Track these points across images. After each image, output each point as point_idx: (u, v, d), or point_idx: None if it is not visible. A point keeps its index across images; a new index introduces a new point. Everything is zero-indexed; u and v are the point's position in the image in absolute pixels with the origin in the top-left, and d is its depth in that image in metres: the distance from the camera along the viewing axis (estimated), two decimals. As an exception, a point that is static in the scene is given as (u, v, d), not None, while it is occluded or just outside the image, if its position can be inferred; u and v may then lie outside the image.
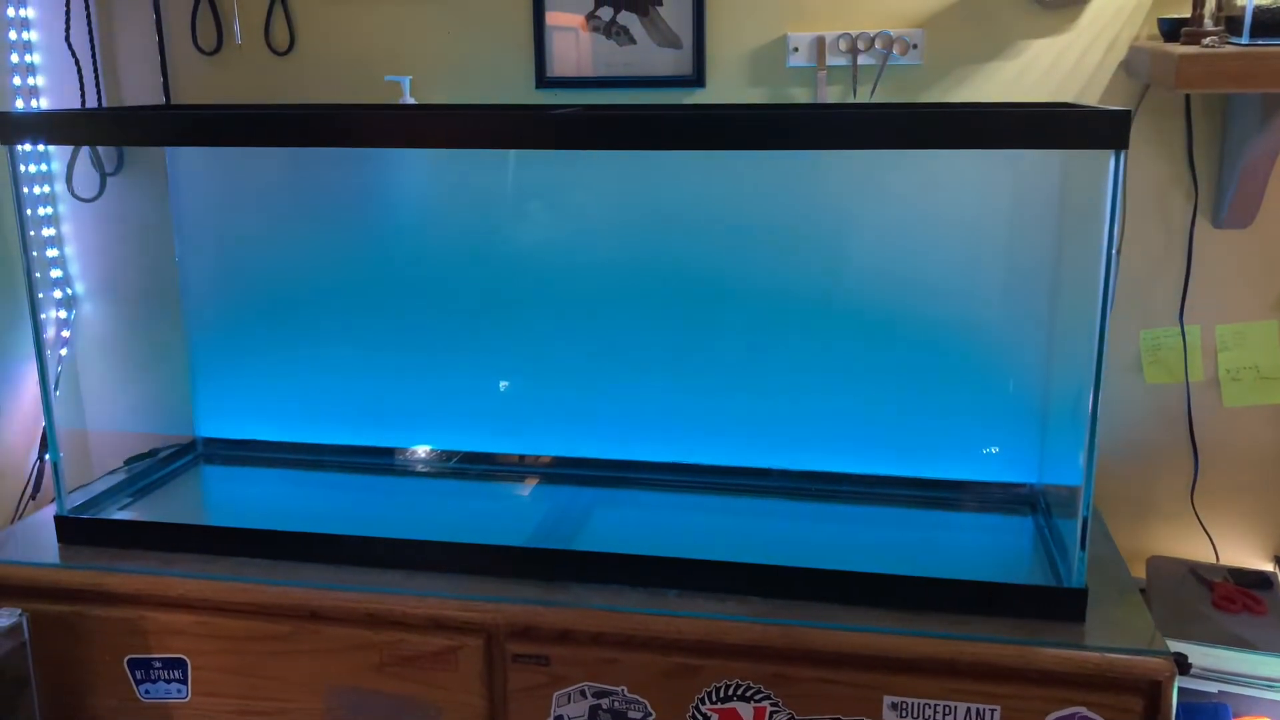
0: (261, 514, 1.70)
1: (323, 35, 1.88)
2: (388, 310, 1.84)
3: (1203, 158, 1.68)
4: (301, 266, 1.86)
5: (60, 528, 1.65)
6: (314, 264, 1.86)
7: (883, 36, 1.70)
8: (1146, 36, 1.65)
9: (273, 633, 1.51)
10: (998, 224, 1.64)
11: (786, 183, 1.70)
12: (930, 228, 1.66)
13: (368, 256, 1.84)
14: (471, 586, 1.50)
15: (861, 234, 1.69)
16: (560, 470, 1.84)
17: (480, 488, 1.84)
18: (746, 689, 1.39)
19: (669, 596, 1.47)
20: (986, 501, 1.73)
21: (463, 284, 1.81)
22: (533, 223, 1.79)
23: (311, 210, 1.85)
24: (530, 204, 1.78)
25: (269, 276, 1.88)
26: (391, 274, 1.83)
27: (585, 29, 1.78)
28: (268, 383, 1.91)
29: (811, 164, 1.68)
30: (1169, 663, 1.31)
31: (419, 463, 1.90)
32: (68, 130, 1.65)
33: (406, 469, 1.90)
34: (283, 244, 1.87)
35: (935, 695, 1.36)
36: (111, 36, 1.94)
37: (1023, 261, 1.64)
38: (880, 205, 1.68)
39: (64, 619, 1.55)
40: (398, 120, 1.53)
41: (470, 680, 1.46)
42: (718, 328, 1.74)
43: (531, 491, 1.80)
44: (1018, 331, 1.66)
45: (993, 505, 1.73)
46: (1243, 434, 1.75)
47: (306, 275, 1.86)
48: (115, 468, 1.89)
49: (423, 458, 1.90)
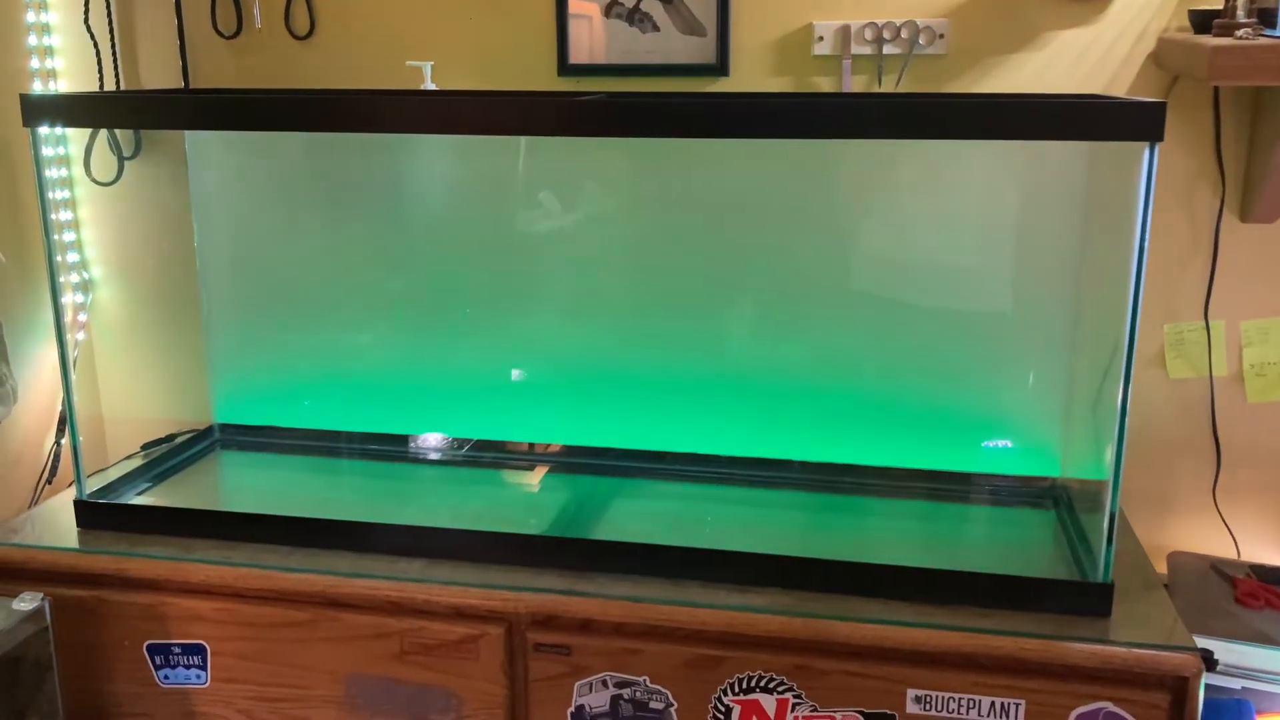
0: (281, 500, 1.70)
1: (343, 20, 1.87)
2: (408, 297, 1.83)
3: (1230, 151, 1.66)
4: (321, 252, 1.86)
5: (80, 512, 1.64)
6: (333, 250, 1.85)
7: (909, 26, 1.68)
8: (1176, 28, 1.63)
9: (293, 619, 1.51)
10: (1022, 215, 1.64)
11: (808, 172, 1.69)
12: (953, 219, 1.65)
13: (387, 243, 1.83)
14: (493, 575, 1.49)
15: (884, 225, 1.68)
16: (578, 460, 1.84)
17: (499, 476, 1.84)
18: (769, 680, 1.39)
19: (692, 587, 1.46)
20: (1007, 495, 1.72)
21: (484, 271, 1.80)
22: (553, 210, 1.78)
23: (331, 196, 1.84)
24: (550, 191, 1.77)
25: (287, 262, 1.88)
26: (412, 261, 1.83)
27: (608, 15, 1.77)
28: (286, 369, 1.91)
29: (832, 153, 1.67)
30: (1196, 659, 1.30)
31: (439, 450, 1.89)
32: (88, 113, 1.65)
33: (426, 457, 1.89)
34: (302, 230, 1.87)
35: (959, 689, 1.35)
36: (130, 19, 1.93)
37: (1046, 254, 1.63)
38: (902, 196, 1.67)
39: (83, 604, 1.55)
40: (421, 106, 1.52)
41: (491, 669, 1.46)
42: (741, 317, 1.74)
43: (551, 480, 1.80)
44: (1040, 325, 1.65)
45: (1014, 499, 1.72)
46: (1266, 430, 1.74)
47: (326, 261, 1.86)
48: (132, 453, 1.89)
49: (443, 445, 1.89)
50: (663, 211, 1.75)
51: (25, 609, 1.34)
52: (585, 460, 1.83)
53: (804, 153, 1.66)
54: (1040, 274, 1.64)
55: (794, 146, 1.65)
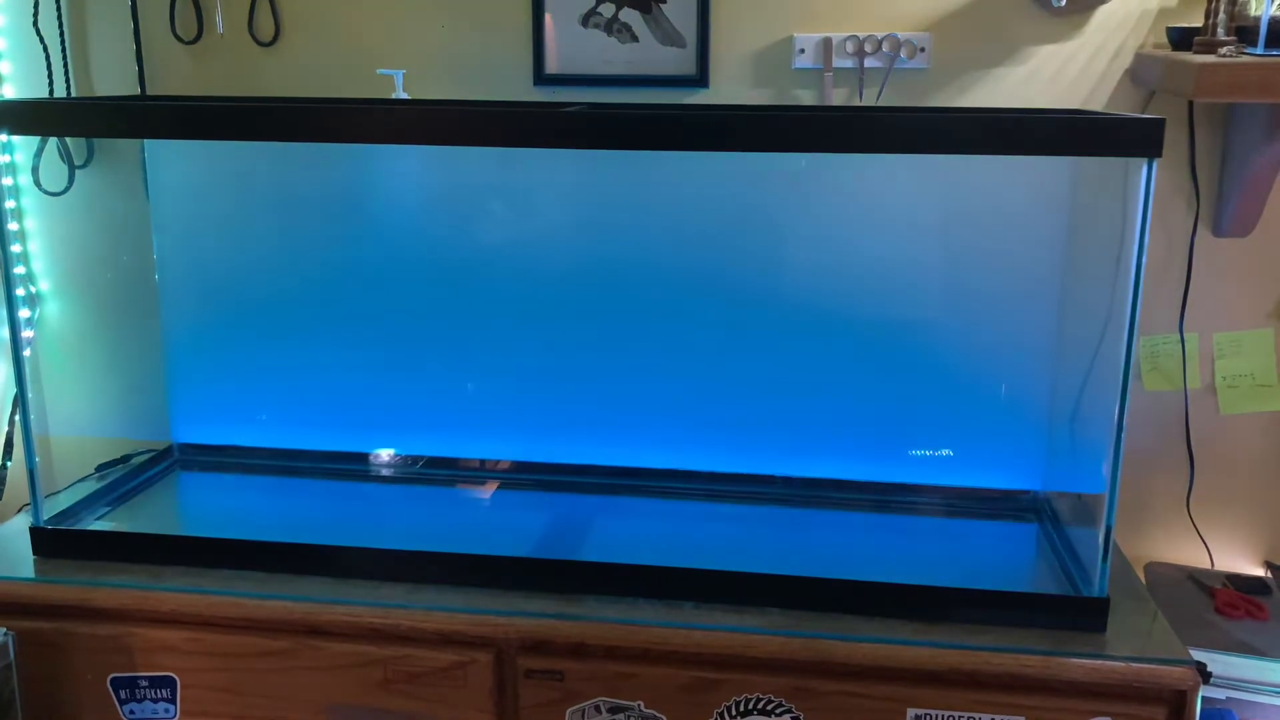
0: (249, 524, 1.63)
1: (310, 27, 1.81)
2: (377, 312, 1.77)
3: (1203, 167, 1.69)
4: (286, 266, 1.79)
5: (37, 540, 1.56)
6: (299, 264, 1.79)
7: (890, 39, 1.68)
8: (1152, 45, 1.65)
9: (270, 649, 1.45)
10: (1004, 229, 1.64)
11: (789, 186, 1.67)
12: (936, 233, 1.65)
13: (355, 257, 1.77)
14: (479, 599, 1.45)
15: (866, 238, 1.67)
16: (556, 477, 1.79)
17: (473, 495, 1.79)
18: (767, 703, 1.37)
19: (685, 608, 1.43)
20: (989, 508, 1.72)
21: (457, 286, 1.75)
22: (527, 224, 1.74)
23: (297, 209, 1.78)
24: (523, 204, 1.73)
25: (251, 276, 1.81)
26: (381, 275, 1.77)
27: (585, 25, 1.74)
28: (248, 386, 1.84)
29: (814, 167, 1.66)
30: (1193, 672, 1.31)
31: (410, 470, 1.84)
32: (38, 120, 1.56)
33: (396, 476, 1.84)
34: (266, 243, 1.80)
35: (959, 707, 1.34)
36: (82, 22, 1.85)
37: (1027, 267, 1.63)
38: (885, 209, 1.66)
39: (43, 636, 1.47)
40: (394, 116, 1.47)
41: (480, 697, 1.41)
42: (720, 332, 1.71)
43: (528, 499, 1.76)
44: (1022, 337, 1.66)
45: (995, 512, 1.72)
46: (1238, 441, 1.77)
47: (291, 275, 1.79)
48: (85, 475, 1.80)
49: (413, 465, 1.84)
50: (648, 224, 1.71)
51: (-12, 645, 1.26)
52: (564, 478, 1.79)
53: (784, 165, 1.65)
54: (1020, 287, 1.64)
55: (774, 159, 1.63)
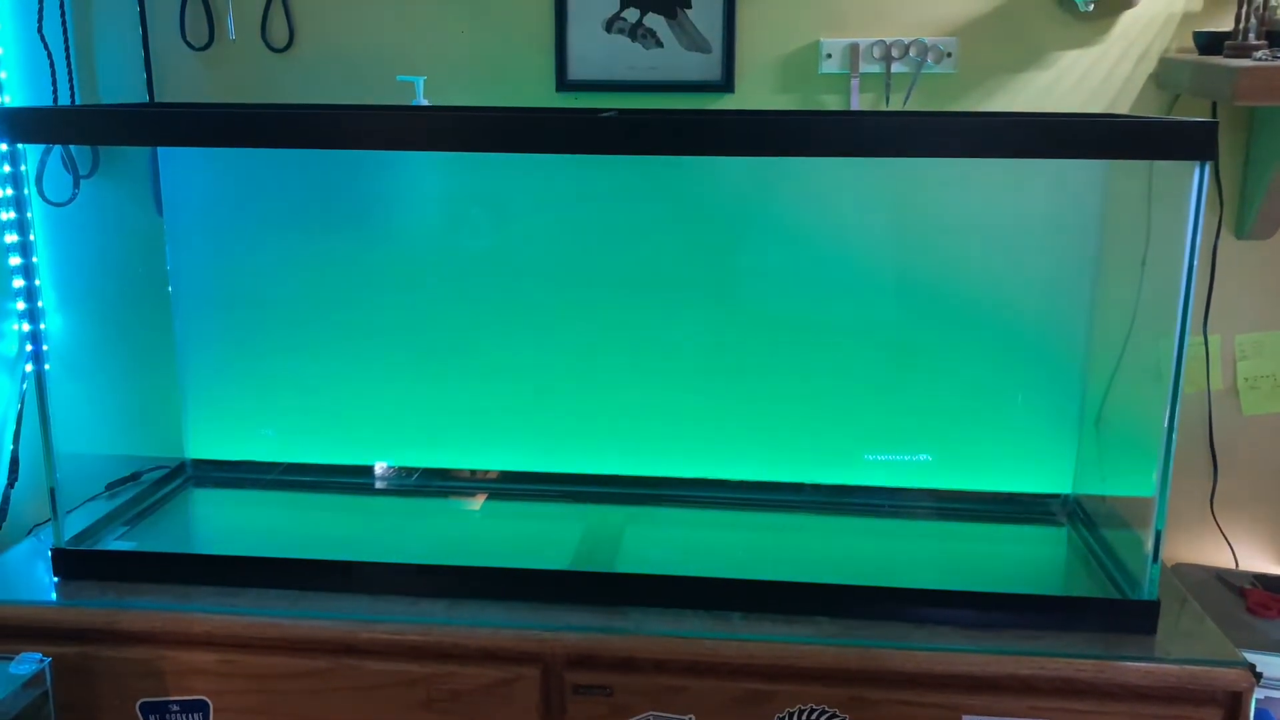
0: (275, 541, 1.60)
1: (325, 32, 1.77)
2: (398, 324, 1.74)
3: (1226, 170, 1.70)
4: (303, 278, 1.75)
5: (58, 561, 1.51)
6: (317, 275, 1.75)
7: (917, 44, 1.68)
8: (1177, 49, 1.66)
9: (306, 669, 1.41)
10: (1035, 233, 1.64)
11: (815, 191, 1.66)
12: (965, 236, 1.65)
13: (374, 269, 1.73)
14: (522, 614, 1.42)
15: (895, 242, 1.67)
16: (586, 488, 1.76)
17: (501, 508, 1.76)
18: (822, 713, 1.35)
19: (734, 619, 1.41)
20: (1019, 512, 1.72)
21: (480, 297, 1.72)
22: (548, 231, 1.72)
23: (314, 220, 1.74)
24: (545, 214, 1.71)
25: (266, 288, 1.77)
26: (401, 287, 1.73)
27: (609, 31, 1.72)
28: (264, 401, 1.80)
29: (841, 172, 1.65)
30: (1248, 674, 1.31)
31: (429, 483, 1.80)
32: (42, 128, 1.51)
33: (417, 490, 1.80)
34: (281, 254, 1.76)
35: (1014, 713, 1.33)
36: (88, 28, 1.80)
37: (1058, 271, 1.64)
38: (912, 213, 1.66)
39: (69, 661, 1.41)
40: (416, 121, 1.44)
41: (527, 714, 1.38)
42: (749, 339, 1.70)
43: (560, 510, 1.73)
44: (1053, 342, 1.66)
45: (1024, 516, 1.72)
46: (1261, 441, 1.78)
47: (309, 286, 1.75)
48: (95, 494, 1.75)
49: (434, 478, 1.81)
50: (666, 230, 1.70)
51: (25, 671, 1.21)
52: (592, 489, 1.76)
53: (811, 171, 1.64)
54: (1052, 291, 1.64)
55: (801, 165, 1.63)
